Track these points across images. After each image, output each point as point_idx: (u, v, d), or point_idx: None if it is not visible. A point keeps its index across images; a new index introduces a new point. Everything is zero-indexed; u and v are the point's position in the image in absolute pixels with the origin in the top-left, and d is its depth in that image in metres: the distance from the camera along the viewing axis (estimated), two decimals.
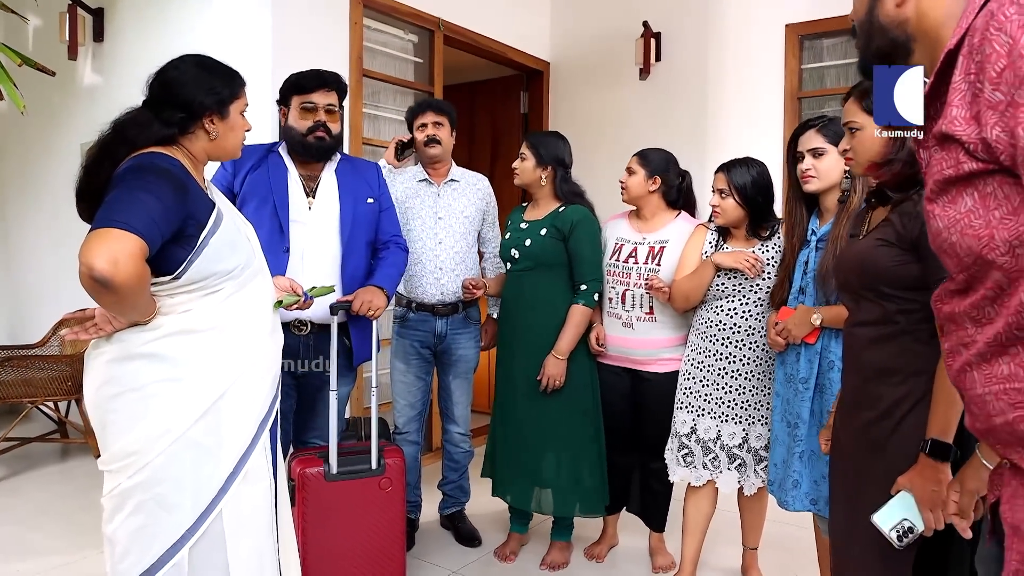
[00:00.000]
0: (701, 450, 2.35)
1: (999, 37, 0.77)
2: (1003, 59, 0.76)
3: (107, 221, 1.36)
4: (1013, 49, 0.75)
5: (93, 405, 1.57)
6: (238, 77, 1.69)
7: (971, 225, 0.82)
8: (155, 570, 1.52)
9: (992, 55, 0.77)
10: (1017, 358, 0.79)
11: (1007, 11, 0.77)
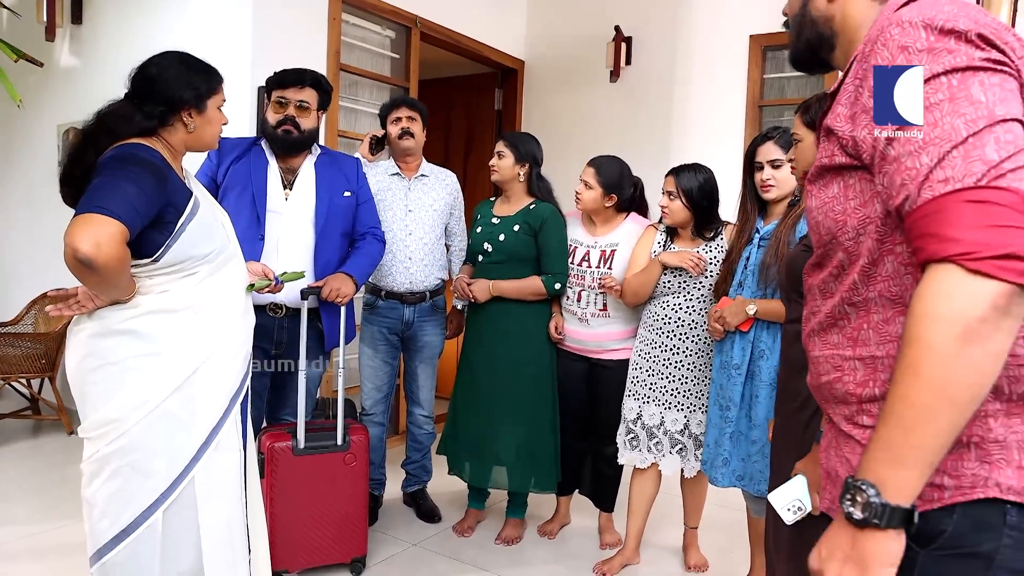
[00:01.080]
0: (646, 435, 2.52)
1: (883, 52, 0.86)
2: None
3: (90, 207, 1.47)
4: (890, 60, 0.85)
5: (74, 377, 1.68)
6: (216, 74, 1.81)
7: (833, 209, 0.94)
8: (131, 531, 1.65)
9: (881, 58, 0.87)
10: (844, 330, 0.93)
11: (892, 31, 0.86)
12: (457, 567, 2.62)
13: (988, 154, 0.75)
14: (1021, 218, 0.73)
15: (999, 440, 0.82)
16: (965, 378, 0.74)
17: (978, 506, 0.82)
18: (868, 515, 0.78)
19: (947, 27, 0.81)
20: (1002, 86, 0.79)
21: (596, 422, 2.75)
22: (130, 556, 1.65)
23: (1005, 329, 0.74)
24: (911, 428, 0.76)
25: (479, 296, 2.72)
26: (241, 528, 1.84)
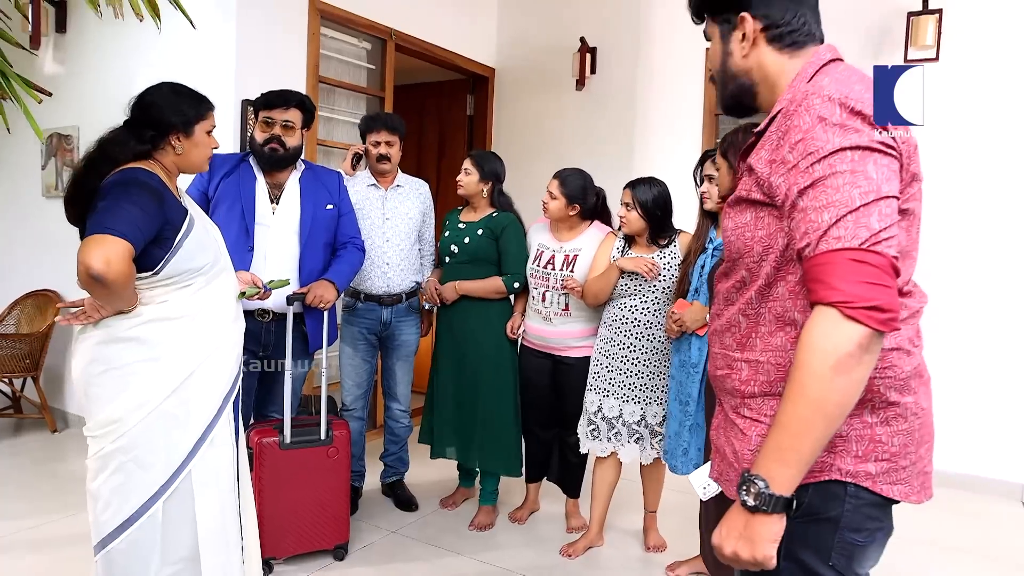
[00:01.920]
0: (606, 426, 2.73)
1: (805, 116, 1.01)
2: (800, 133, 1.02)
3: (100, 228, 1.63)
4: (808, 131, 1.01)
5: (80, 380, 1.84)
6: (205, 101, 1.96)
7: (744, 234, 1.12)
8: (133, 520, 1.80)
9: (796, 126, 1.03)
10: (737, 335, 1.14)
11: (815, 100, 1.02)
12: (434, 552, 2.81)
13: (872, 223, 0.94)
14: (887, 278, 0.93)
15: (843, 435, 1.05)
16: (836, 399, 0.94)
17: (826, 484, 1.06)
18: (759, 503, 0.98)
19: (856, 108, 1.00)
20: (889, 167, 0.99)
21: (560, 414, 2.96)
22: (133, 544, 1.80)
23: (866, 363, 0.94)
24: (795, 436, 0.96)
25: (448, 297, 2.95)
26: (234, 516, 1.99)
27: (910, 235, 1.08)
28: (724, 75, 1.21)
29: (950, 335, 3.67)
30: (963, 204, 3.65)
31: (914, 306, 1.12)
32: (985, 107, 3.59)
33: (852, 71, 1.09)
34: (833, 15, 4.04)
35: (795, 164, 1.01)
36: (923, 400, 1.10)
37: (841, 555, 1.06)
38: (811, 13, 1.16)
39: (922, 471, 1.11)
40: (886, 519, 1.11)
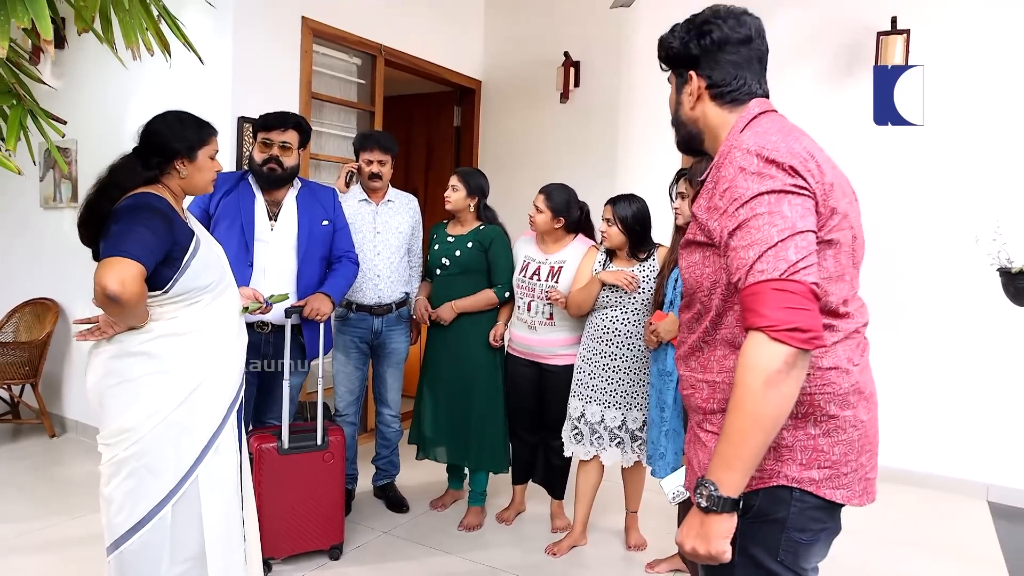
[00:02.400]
0: (588, 430, 2.88)
1: (729, 168, 1.18)
2: (727, 182, 1.17)
3: (115, 251, 1.76)
4: (732, 180, 1.16)
5: (94, 392, 1.95)
6: (208, 127, 2.08)
7: (694, 272, 1.28)
8: (144, 523, 1.91)
9: (723, 177, 1.18)
10: (699, 359, 1.29)
11: (736, 153, 1.18)
12: (424, 551, 2.95)
13: (790, 256, 1.09)
14: (805, 302, 1.07)
15: (789, 445, 1.20)
16: (769, 411, 1.08)
17: (774, 489, 1.20)
18: (710, 504, 1.11)
19: (771, 158, 1.15)
20: (803, 206, 1.13)
21: (545, 419, 3.10)
22: (144, 545, 1.91)
23: (794, 377, 1.08)
24: (736, 445, 1.10)
25: (446, 318, 3.09)
26: (237, 518, 2.11)
27: (839, 261, 1.21)
28: (676, 121, 1.39)
29: (919, 342, 3.86)
30: (931, 214, 3.83)
31: (850, 326, 1.24)
32: (953, 121, 3.76)
33: (774, 123, 1.24)
34: (806, 34, 4.28)
35: (725, 209, 1.17)
36: (862, 414, 1.23)
37: (788, 552, 1.20)
38: (752, 74, 1.31)
39: (864, 477, 1.24)
40: (830, 520, 1.24)
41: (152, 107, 3.46)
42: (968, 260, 3.72)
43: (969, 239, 3.58)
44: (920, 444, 3.88)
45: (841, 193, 1.21)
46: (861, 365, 1.25)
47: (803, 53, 4.08)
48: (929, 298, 3.85)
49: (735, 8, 1.32)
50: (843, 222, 1.21)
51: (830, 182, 1.18)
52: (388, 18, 4.19)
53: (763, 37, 1.33)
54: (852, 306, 1.26)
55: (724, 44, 1.29)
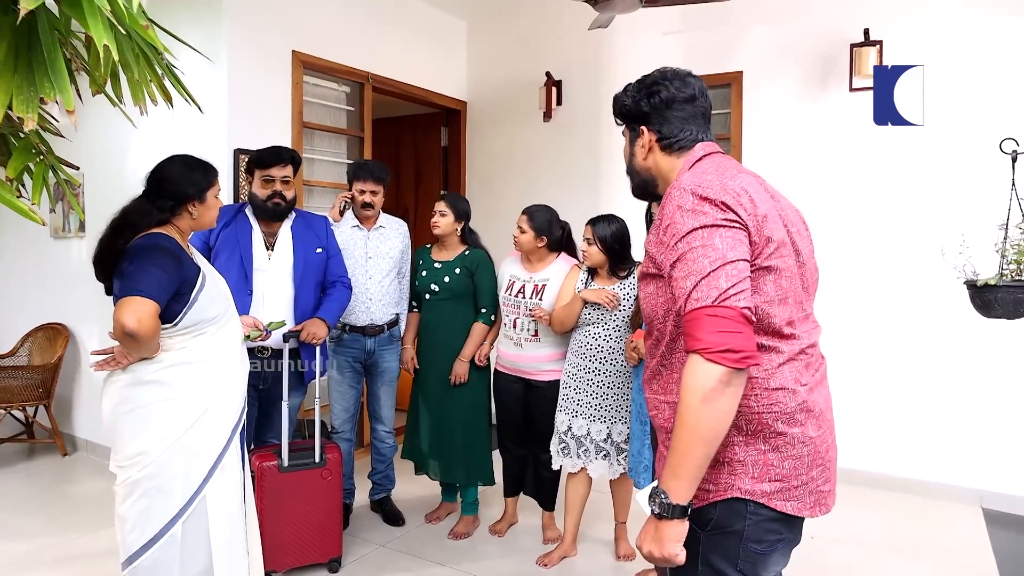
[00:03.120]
0: (575, 443, 3.02)
1: (669, 206, 1.29)
2: (668, 219, 1.29)
3: (131, 290, 1.90)
4: (671, 217, 1.28)
5: (108, 419, 2.09)
6: (212, 169, 2.24)
7: (650, 301, 1.39)
8: (156, 540, 2.04)
9: (666, 214, 1.30)
10: (660, 382, 1.39)
11: (675, 193, 1.30)
12: (419, 563, 3.07)
13: (720, 284, 1.20)
14: (737, 325, 1.18)
15: (741, 460, 1.30)
16: (707, 424, 1.19)
17: (730, 502, 1.30)
18: (662, 511, 1.23)
19: (704, 195, 1.27)
20: (733, 238, 1.24)
21: (532, 433, 3.24)
22: (156, 561, 2.04)
23: (729, 394, 1.18)
24: (681, 456, 1.21)
25: (465, 378, 3.25)
26: (241, 533, 2.24)
27: (779, 285, 1.30)
28: (631, 169, 1.54)
29: (911, 350, 3.92)
30: (909, 222, 3.90)
31: (795, 347, 1.32)
32: (919, 132, 3.81)
33: (714, 163, 1.39)
34: (782, 47, 4.44)
35: (668, 244, 1.29)
36: (811, 431, 1.31)
37: (746, 562, 1.30)
38: (696, 127, 1.46)
39: (815, 490, 1.33)
40: (787, 532, 1.34)
41: (153, 142, 3.68)
42: (960, 272, 3.83)
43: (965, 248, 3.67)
44: (913, 451, 3.91)
45: (778, 223, 1.32)
46: (810, 384, 1.33)
47: (780, 66, 4.18)
48: (919, 306, 3.89)
49: (680, 71, 1.48)
50: (782, 250, 1.31)
51: (763, 214, 1.29)
52: (374, 46, 4.35)
53: (706, 95, 1.48)
54: (800, 327, 1.34)
55: (671, 102, 1.44)
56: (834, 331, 4.03)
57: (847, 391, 4.01)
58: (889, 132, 3.87)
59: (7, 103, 1.25)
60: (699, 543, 1.28)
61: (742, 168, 1.41)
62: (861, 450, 4.01)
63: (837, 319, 4.05)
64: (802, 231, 1.41)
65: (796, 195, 4.11)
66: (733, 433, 1.28)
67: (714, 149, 1.45)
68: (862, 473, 3.98)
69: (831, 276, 3.99)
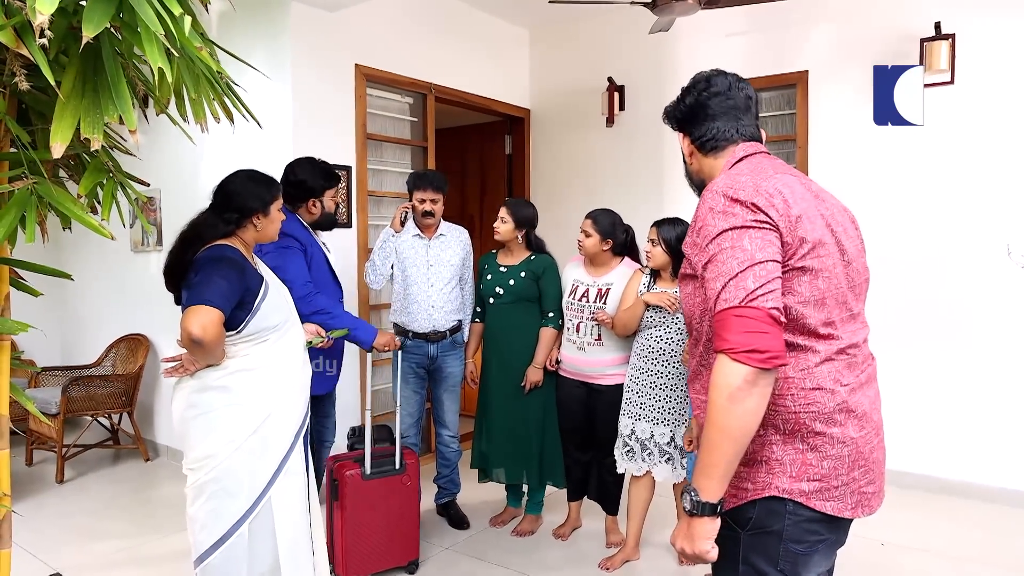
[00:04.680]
0: (639, 447, 2.98)
1: (702, 208, 1.33)
2: (701, 221, 1.32)
3: (197, 300, 1.99)
4: (704, 219, 1.31)
5: (179, 423, 2.19)
6: (276, 184, 2.33)
7: (688, 301, 1.43)
8: (225, 539, 2.13)
9: (699, 216, 1.33)
10: (702, 381, 1.41)
11: (707, 195, 1.33)
12: (483, 566, 3.09)
13: (748, 284, 1.21)
14: (764, 326, 1.19)
15: (779, 459, 1.30)
16: (734, 423, 1.19)
17: (769, 501, 1.29)
18: (693, 508, 1.24)
19: (734, 197, 1.28)
20: (763, 239, 1.25)
21: (595, 437, 3.22)
22: (225, 559, 2.12)
23: (756, 394, 1.19)
24: (710, 454, 1.22)
25: (539, 384, 3.27)
26: (307, 534, 2.30)
27: (815, 286, 1.30)
28: (687, 172, 1.60)
29: (986, 353, 3.78)
30: (980, 222, 3.76)
31: (833, 347, 1.31)
32: (1002, 126, 3.71)
33: (752, 164, 1.38)
34: (848, 44, 4.32)
35: (700, 245, 1.31)
36: (852, 431, 1.31)
37: (787, 562, 1.30)
38: (732, 119, 1.47)
39: (857, 491, 1.32)
40: (828, 533, 1.33)
41: (223, 157, 3.86)
42: (1020, 271, 3.64)
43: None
44: (989, 457, 3.79)
45: (817, 223, 1.31)
46: (852, 385, 1.32)
47: (847, 64, 4.08)
48: (990, 306, 3.77)
49: (712, 72, 1.52)
50: (819, 250, 1.30)
51: (797, 214, 1.28)
52: (436, 57, 4.43)
53: (740, 87, 1.48)
54: (842, 328, 1.33)
55: (700, 106, 1.49)
56: (906, 334, 3.98)
57: (920, 396, 3.95)
58: (956, 128, 3.77)
59: (75, 125, 1.33)
60: (739, 543, 1.29)
61: (782, 168, 1.40)
62: (935, 456, 3.91)
63: (910, 321, 3.97)
64: (849, 231, 1.40)
65: (863, 194, 4.14)
66: (771, 432, 1.29)
67: (756, 149, 1.45)
68: (938, 480, 3.88)
69: (899, 277, 3.96)
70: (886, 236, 3.99)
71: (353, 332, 2.78)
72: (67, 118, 1.30)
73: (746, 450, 1.25)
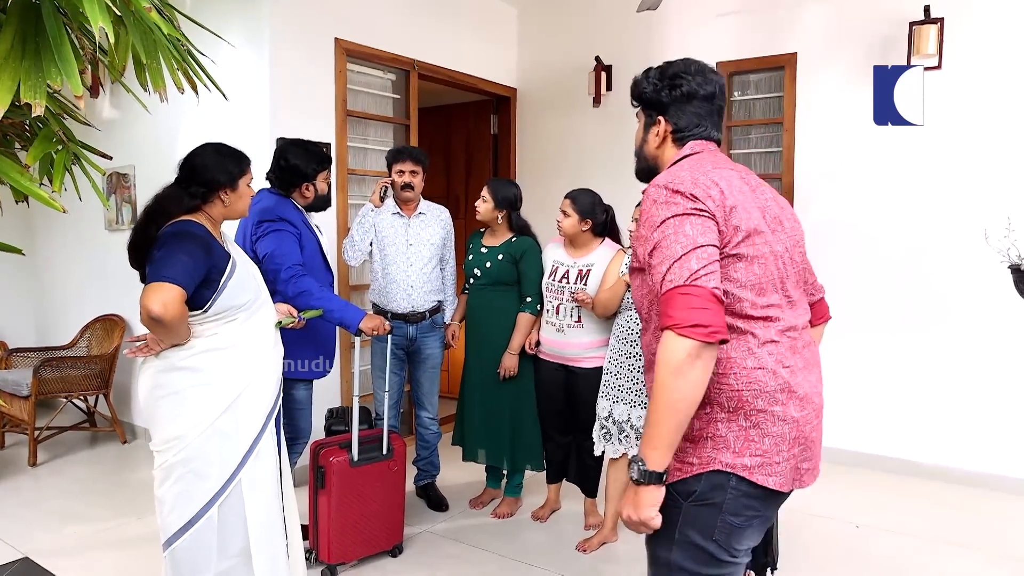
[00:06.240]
0: (616, 429, 2.95)
1: (647, 202, 1.38)
2: (646, 214, 1.37)
3: (158, 276, 1.93)
4: (649, 211, 1.37)
5: (145, 404, 2.14)
6: (245, 158, 2.25)
7: (637, 293, 1.48)
8: (194, 522, 2.09)
9: (644, 210, 1.39)
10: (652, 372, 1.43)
11: (651, 190, 1.38)
12: (463, 548, 3.07)
13: (692, 266, 1.27)
14: (707, 303, 1.24)
15: (723, 435, 1.36)
16: (678, 396, 1.24)
17: (713, 475, 1.35)
18: (640, 478, 1.29)
19: (675, 188, 1.35)
20: (703, 225, 1.31)
21: (575, 420, 3.19)
22: (194, 542, 2.09)
23: (699, 367, 1.23)
24: (656, 426, 1.27)
25: (514, 371, 3.23)
26: (279, 517, 2.26)
27: (751, 272, 1.36)
28: (639, 153, 1.60)
29: (961, 338, 3.79)
30: (963, 207, 3.74)
31: (771, 330, 1.37)
32: (987, 112, 3.68)
33: (690, 162, 1.44)
34: (838, 27, 4.26)
35: (645, 236, 1.37)
36: (793, 411, 1.37)
37: (722, 532, 1.36)
38: (712, 123, 1.52)
39: (795, 467, 1.39)
40: (764, 509, 1.39)
41: (200, 134, 3.75)
42: (1012, 256, 3.61)
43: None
44: (962, 441, 3.81)
45: (751, 214, 1.38)
46: (794, 367, 1.39)
47: (836, 47, 4.04)
48: (964, 292, 3.76)
49: (703, 65, 1.52)
50: (755, 238, 1.37)
51: (732, 205, 1.35)
52: (420, 34, 4.34)
53: (723, 94, 1.52)
54: (780, 312, 1.40)
55: (692, 97, 1.49)
56: (886, 319, 3.97)
57: (898, 380, 3.96)
58: (939, 114, 3.75)
59: (14, 89, 1.26)
60: (680, 513, 1.35)
61: (723, 163, 1.45)
62: (911, 440, 3.94)
63: (890, 306, 3.98)
64: (785, 223, 1.46)
65: (848, 176, 4.11)
66: (716, 410, 1.35)
67: (702, 148, 1.49)
68: (914, 464, 3.91)
69: (880, 260, 3.96)
70: (870, 219, 3.97)
71: (339, 314, 2.71)
72: (5, 80, 1.23)
73: (692, 427, 1.35)
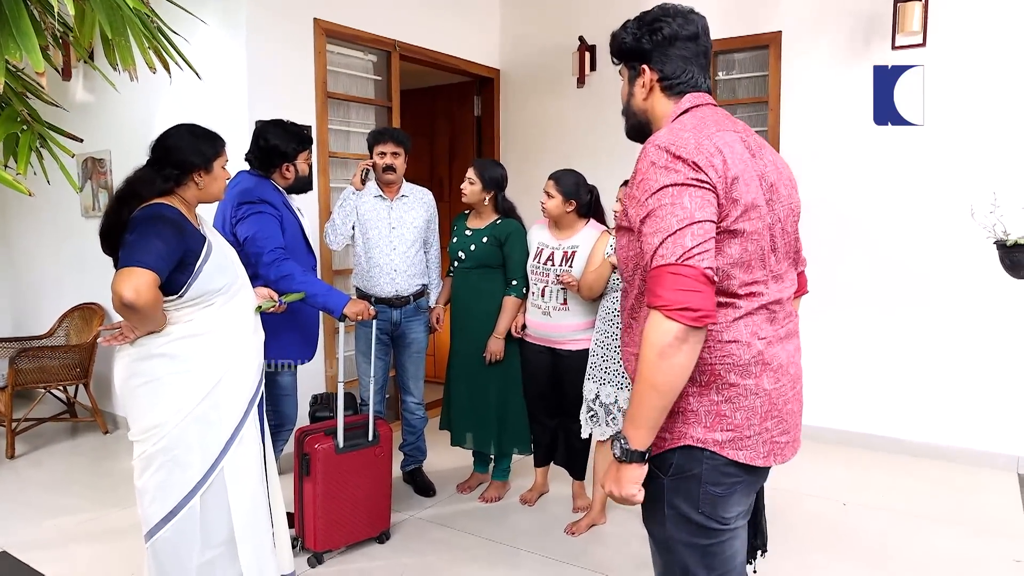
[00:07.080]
0: (603, 411, 2.93)
1: (643, 161, 1.30)
2: (641, 175, 1.30)
3: (130, 261, 1.88)
4: (644, 173, 1.29)
5: (122, 392, 2.10)
6: (219, 139, 2.19)
7: (623, 253, 1.42)
8: (176, 512, 2.05)
9: (639, 169, 1.31)
10: (631, 334, 1.41)
11: (650, 148, 1.30)
12: (451, 533, 3.05)
13: (686, 243, 1.20)
14: (697, 285, 1.19)
15: (694, 410, 1.33)
16: (662, 378, 1.22)
17: (687, 449, 1.34)
18: (622, 455, 1.28)
19: (677, 154, 1.26)
20: (702, 198, 1.24)
21: (562, 403, 3.17)
22: (176, 533, 2.05)
23: (685, 351, 1.21)
24: (638, 406, 1.25)
25: (500, 356, 3.19)
26: (264, 506, 2.23)
27: (745, 248, 1.31)
28: (627, 110, 1.50)
29: (945, 314, 3.81)
30: (950, 182, 3.74)
31: (753, 304, 1.34)
32: (972, 90, 3.67)
33: (696, 118, 1.35)
34: (822, 4, 4.20)
35: (639, 199, 1.30)
36: (766, 383, 1.34)
37: (707, 504, 1.35)
38: (698, 68, 1.43)
39: (769, 440, 1.36)
40: (746, 475, 1.37)
41: (177, 116, 3.61)
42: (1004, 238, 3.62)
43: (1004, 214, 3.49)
44: (947, 418, 3.83)
45: (752, 185, 1.31)
46: (770, 338, 1.36)
47: (822, 24, 4.00)
48: (951, 268, 3.77)
49: (682, 7, 1.42)
50: (751, 212, 1.30)
51: (733, 176, 1.28)
52: (401, 14, 4.25)
53: (707, 34, 1.43)
54: (765, 287, 1.35)
55: (674, 40, 1.40)
56: (873, 296, 3.98)
57: (881, 359, 3.99)
58: (926, 90, 3.72)
59: None
60: (663, 488, 1.35)
61: (725, 123, 1.38)
62: (895, 418, 3.97)
63: (877, 284, 3.99)
64: (781, 190, 1.40)
65: (832, 155, 4.09)
66: (687, 384, 1.31)
67: (703, 101, 1.41)
68: (901, 441, 3.94)
69: (866, 237, 3.97)
70: (856, 197, 3.96)
71: (322, 299, 2.66)
72: None
73: None
